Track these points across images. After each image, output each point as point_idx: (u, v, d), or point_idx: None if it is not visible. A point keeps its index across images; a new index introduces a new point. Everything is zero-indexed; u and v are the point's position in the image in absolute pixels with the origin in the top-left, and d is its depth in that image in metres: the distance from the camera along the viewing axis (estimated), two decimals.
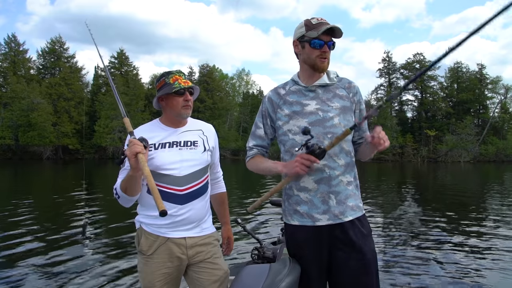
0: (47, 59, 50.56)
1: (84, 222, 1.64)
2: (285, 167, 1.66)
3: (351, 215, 1.69)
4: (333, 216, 1.67)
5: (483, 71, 51.45)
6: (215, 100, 54.94)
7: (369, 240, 1.72)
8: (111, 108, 44.72)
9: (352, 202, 1.71)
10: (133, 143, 1.56)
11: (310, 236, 1.70)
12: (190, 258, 1.79)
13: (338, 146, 1.65)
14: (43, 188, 14.66)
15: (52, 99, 45.37)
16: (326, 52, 1.69)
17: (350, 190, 1.71)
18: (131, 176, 1.61)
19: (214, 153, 1.98)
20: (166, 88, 1.79)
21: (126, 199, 1.72)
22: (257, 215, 7.98)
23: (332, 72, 1.79)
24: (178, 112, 1.81)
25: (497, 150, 44.34)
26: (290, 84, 1.83)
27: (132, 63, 54.40)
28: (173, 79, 1.80)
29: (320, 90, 1.75)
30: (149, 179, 1.46)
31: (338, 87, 1.78)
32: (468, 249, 5.37)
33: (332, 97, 1.74)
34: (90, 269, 4.39)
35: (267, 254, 2.80)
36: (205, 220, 1.87)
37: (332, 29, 1.66)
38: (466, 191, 14.38)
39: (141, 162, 1.51)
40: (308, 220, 1.70)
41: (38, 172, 24.01)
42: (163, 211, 1.34)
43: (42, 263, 4.64)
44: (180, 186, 1.76)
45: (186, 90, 1.80)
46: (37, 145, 43.12)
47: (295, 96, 1.78)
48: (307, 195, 1.70)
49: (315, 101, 1.73)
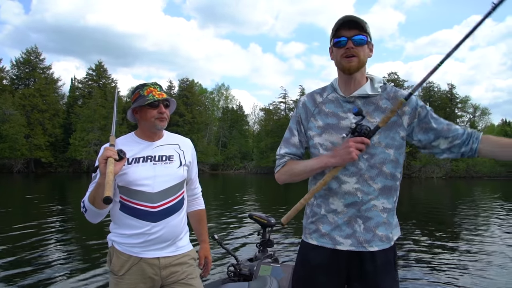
0: (21, 70, 49.09)
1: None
2: (334, 157, 1.44)
3: (377, 246, 1.49)
4: (357, 243, 1.49)
5: (453, 90, 53.72)
6: (194, 114, 54.70)
7: (390, 276, 1.52)
8: (88, 121, 43.75)
9: (383, 231, 1.50)
10: (106, 149, 1.55)
11: (326, 260, 1.53)
12: (164, 279, 1.73)
13: (375, 169, 1.48)
14: (11, 201, 14.08)
15: (26, 110, 43.94)
16: (352, 49, 1.45)
17: (384, 218, 1.50)
18: (99, 184, 1.54)
19: (191, 168, 1.92)
20: (140, 101, 1.75)
21: (94, 212, 1.64)
22: (234, 231, 7.95)
23: (377, 80, 1.55)
24: (152, 124, 1.76)
25: (467, 166, 45.98)
26: (329, 90, 1.61)
27: (111, 76, 53.73)
28: (147, 91, 1.76)
29: (359, 102, 1.52)
30: (108, 175, 1.45)
31: (381, 99, 1.52)
32: (443, 263, 5.49)
33: (372, 111, 1.50)
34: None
35: (244, 271, 2.77)
36: (181, 238, 1.80)
37: (350, 21, 1.45)
38: (442, 206, 14.74)
39: (109, 164, 1.49)
40: (328, 241, 1.53)
41: (8, 185, 23.05)
42: (107, 197, 1.35)
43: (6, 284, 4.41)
44: (153, 202, 1.70)
45: (160, 102, 1.75)
46: (8, 158, 41.49)
47: (332, 106, 1.56)
48: (334, 217, 1.52)
49: (352, 115, 1.49)
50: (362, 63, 1.49)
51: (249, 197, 15.70)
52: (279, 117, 54.90)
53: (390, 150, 1.49)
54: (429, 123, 1.52)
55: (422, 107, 1.53)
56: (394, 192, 1.53)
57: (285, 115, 54.67)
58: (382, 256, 1.50)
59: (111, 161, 1.50)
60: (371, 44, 1.53)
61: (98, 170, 1.57)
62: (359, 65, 1.48)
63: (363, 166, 1.48)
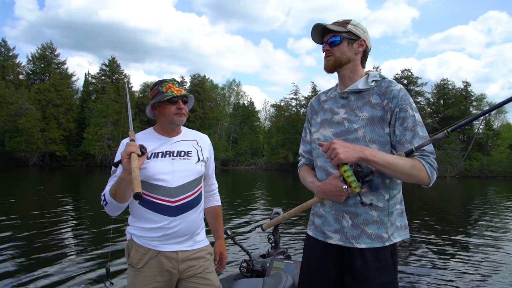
0: (37, 65, 50.03)
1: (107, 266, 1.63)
2: (325, 194, 1.52)
3: (365, 244, 1.48)
4: (345, 238, 1.51)
5: (468, 88, 52.66)
6: (205, 110, 54.90)
7: (384, 276, 1.47)
8: (101, 116, 44.36)
9: (373, 229, 1.48)
10: (129, 144, 1.56)
11: (320, 251, 1.59)
12: (181, 273, 1.75)
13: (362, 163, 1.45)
14: (30, 193, 14.42)
15: (41, 105, 44.78)
16: (327, 50, 1.56)
17: (375, 216, 1.48)
18: (122, 179, 1.56)
19: (209, 164, 1.95)
20: (159, 97, 1.78)
21: (114, 206, 1.66)
22: (246, 227, 7.99)
23: (372, 75, 1.58)
24: (171, 119, 1.78)
25: (482, 165, 45.12)
26: (333, 89, 1.69)
27: (123, 71, 54.31)
28: (166, 87, 1.79)
29: (352, 97, 1.56)
30: (135, 170, 1.46)
31: (372, 93, 1.53)
32: (455, 265, 5.46)
33: (362, 106, 1.53)
34: (76, 279, 4.28)
35: (256, 267, 2.76)
36: (198, 233, 1.83)
37: (317, 29, 1.57)
38: (455, 205, 14.56)
39: (133, 160, 1.50)
40: (320, 235, 1.60)
41: (25, 178, 23.59)
42: (137, 193, 1.35)
43: (24, 272, 4.50)
44: (172, 197, 1.72)
45: (179, 98, 1.78)
46: (24, 151, 42.37)
47: (331, 103, 1.64)
48: (321, 210, 1.60)
49: (344, 110, 1.56)
50: (338, 60, 1.55)
51: (260, 192, 15.76)
52: (290, 113, 54.60)
53: (374, 145, 1.47)
54: (396, 127, 1.49)
55: (403, 109, 1.48)
56: (385, 190, 1.50)
57: (296, 111, 54.32)
58: (372, 255, 1.47)
59: (135, 157, 1.51)
60: (357, 41, 1.56)
61: (120, 165, 1.59)
62: (335, 63, 1.56)
63: None
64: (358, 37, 1.57)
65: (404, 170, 1.40)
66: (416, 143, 1.43)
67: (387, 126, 1.49)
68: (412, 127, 1.46)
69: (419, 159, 1.43)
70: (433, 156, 1.47)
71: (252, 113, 64.37)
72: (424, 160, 1.43)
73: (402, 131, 1.47)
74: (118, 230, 6.82)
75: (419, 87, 53.44)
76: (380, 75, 1.58)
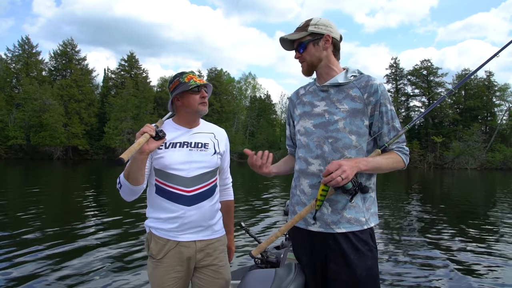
0: (58, 61, 51.52)
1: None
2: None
3: (345, 228, 1.55)
4: (325, 225, 1.57)
5: (491, 78, 51.06)
6: (222, 104, 55.28)
7: (365, 257, 1.54)
8: (121, 110, 45.43)
9: (351, 214, 1.56)
10: (146, 125, 1.61)
11: (304, 239, 1.65)
12: (198, 262, 1.80)
13: (338, 152, 1.57)
14: (55, 186, 15.00)
15: (63, 100, 46.26)
16: (299, 57, 1.69)
17: (352, 202, 1.56)
18: (134, 158, 1.60)
19: (224, 157, 1.97)
20: (182, 87, 1.79)
21: (128, 188, 1.68)
22: (260, 219, 8.13)
23: (352, 70, 1.66)
24: (195, 109, 1.81)
25: (505, 157, 43.86)
26: (311, 84, 1.78)
27: (142, 66, 55.21)
28: (188, 78, 1.81)
29: (332, 90, 1.64)
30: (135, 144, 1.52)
31: (352, 87, 1.61)
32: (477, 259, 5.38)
33: (342, 98, 1.61)
34: (99, 272, 4.35)
35: (271, 258, 2.76)
36: (215, 223, 1.86)
37: (285, 41, 1.70)
38: (475, 199, 14.30)
39: (142, 137, 1.54)
40: (302, 223, 1.63)
41: (50, 172, 24.48)
42: (120, 158, 1.40)
43: (49, 265, 4.57)
44: (188, 187, 1.76)
45: (202, 87, 1.82)
46: (48, 146, 43.92)
47: (310, 96, 1.72)
48: (303, 198, 1.64)
49: (324, 102, 1.65)
50: (310, 63, 1.66)
51: (276, 185, 15.90)
52: None
53: (353, 136, 1.58)
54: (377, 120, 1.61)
55: (383, 104, 1.60)
56: (364, 181, 1.59)
57: None
58: (353, 238, 1.55)
59: (146, 136, 1.56)
60: (321, 39, 1.63)
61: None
62: (308, 67, 1.67)
63: (327, 149, 1.59)
64: (322, 35, 1.63)
65: (388, 167, 1.59)
66: (392, 135, 1.60)
67: (367, 119, 1.60)
68: (390, 121, 1.62)
69: (396, 152, 1.61)
70: (404, 144, 1.65)
71: (269, 106, 64.30)
72: (400, 152, 1.62)
73: (381, 124, 1.61)
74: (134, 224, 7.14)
75: (439, 78, 52.20)
76: (359, 71, 1.68)
